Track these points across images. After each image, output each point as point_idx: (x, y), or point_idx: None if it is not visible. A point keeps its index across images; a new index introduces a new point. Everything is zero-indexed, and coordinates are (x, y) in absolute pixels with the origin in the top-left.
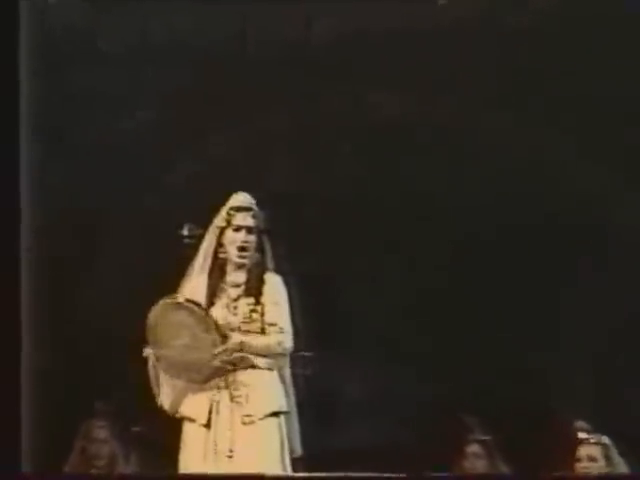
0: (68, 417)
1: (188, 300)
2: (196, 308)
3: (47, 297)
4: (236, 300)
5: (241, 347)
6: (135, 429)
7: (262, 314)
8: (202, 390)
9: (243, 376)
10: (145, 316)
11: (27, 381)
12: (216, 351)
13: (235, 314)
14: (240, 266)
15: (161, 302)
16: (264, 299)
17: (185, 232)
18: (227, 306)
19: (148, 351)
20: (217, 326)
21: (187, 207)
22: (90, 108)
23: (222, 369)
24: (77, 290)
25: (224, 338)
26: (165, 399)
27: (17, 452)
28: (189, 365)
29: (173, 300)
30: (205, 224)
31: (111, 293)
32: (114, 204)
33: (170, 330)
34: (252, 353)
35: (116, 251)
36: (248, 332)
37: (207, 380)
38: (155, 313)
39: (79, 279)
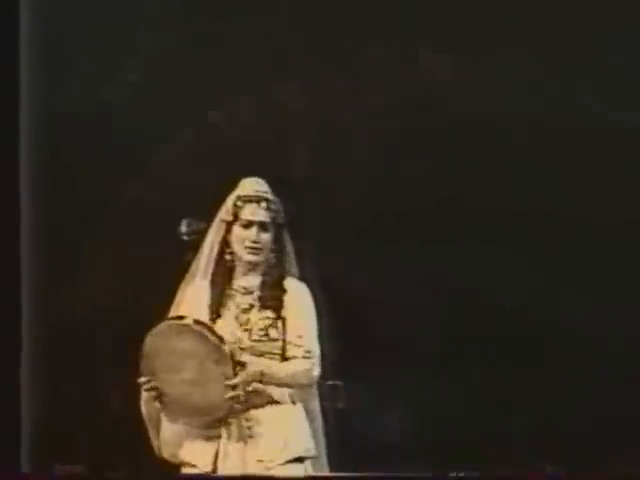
0: (68, 417)
1: (198, 322)
2: (208, 333)
3: (46, 296)
4: (248, 311)
5: (261, 377)
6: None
7: (283, 331)
8: (207, 429)
9: (259, 411)
10: (137, 332)
11: (27, 381)
12: (231, 382)
13: (246, 329)
14: (251, 268)
15: (162, 324)
16: (285, 312)
17: (183, 228)
18: (236, 318)
19: (144, 381)
20: (234, 356)
21: (184, 196)
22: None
23: (235, 409)
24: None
25: (240, 367)
26: (164, 447)
27: (17, 452)
28: (195, 407)
29: (178, 322)
30: (208, 217)
31: (96, 309)
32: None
33: (172, 361)
34: (274, 385)
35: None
36: (264, 355)
37: (215, 424)
38: (154, 338)
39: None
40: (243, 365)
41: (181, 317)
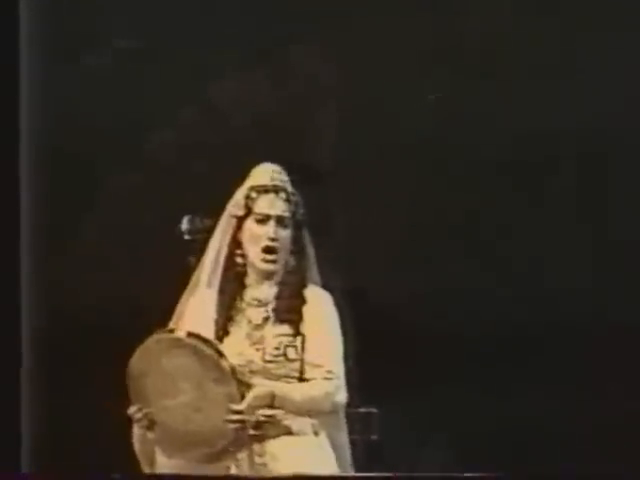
0: (68, 417)
1: (192, 335)
2: (204, 347)
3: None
4: (261, 327)
5: (272, 401)
6: None
7: (302, 349)
8: (212, 466)
9: (274, 445)
10: (139, 333)
11: (27, 381)
12: (236, 407)
13: (260, 348)
14: (267, 275)
15: (149, 340)
16: (305, 327)
17: (184, 226)
18: (248, 336)
19: (134, 411)
20: (235, 373)
21: (184, 186)
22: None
23: (243, 438)
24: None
25: (246, 389)
26: None
27: (17, 452)
28: (194, 437)
29: (168, 336)
30: (213, 212)
31: (96, 310)
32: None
33: (164, 383)
34: (288, 410)
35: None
36: (280, 379)
37: (221, 456)
38: (141, 357)
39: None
40: (249, 386)
41: (171, 330)
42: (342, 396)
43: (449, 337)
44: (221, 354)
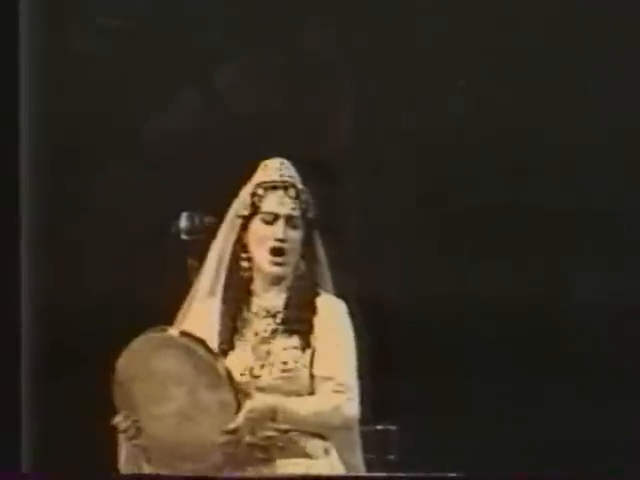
0: (68, 417)
1: (185, 334)
2: (198, 347)
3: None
4: (269, 340)
5: (273, 416)
6: None
7: (312, 363)
8: None
9: (279, 466)
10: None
11: (27, 380)
12: (231, 426)
13: (266, 364)
14: (275, 280)
15: (139, 339)
16: (316, 339)
17: (182, 224)
18: (255, 350)
19: (119, 421)
20: (232, 378)
21: (183, 181)
22: None
23: (241, 457)
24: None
25: (245, 398)
26: None
27: (17, 452)
28: (183, 449)
29: (159, 334)
30: (214, 209)
31: (96, 308)
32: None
33: (153, 387)
34: (293, 427)
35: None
36: (290, 395)
37: (218, 472)
38: (129, 358)
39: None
40: (248, 394)
41: (163, 329)
42: (354, 410)
43: (471, 348)
44: (217, 358)
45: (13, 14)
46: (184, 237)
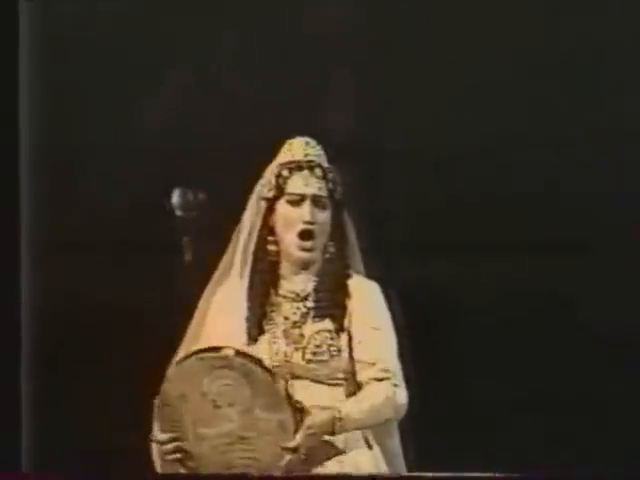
0: (69, 416)
1: (241, 353)
2: (255, 367)
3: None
4: (300, 324)
5: (332, 429)
6: None
7: (349, 348)
8: None
9: (327, 465)
10: (138, 333)
11: (27, 380)
12: (291, 444)
13: (299, 348)
14: (304, 265)
15: (190, 360)
16: (351, 322)
17: (175, 201)
18: (286, 334)
19: (163, 440)
20: (290, 397)
21: (176, 156)
22: None
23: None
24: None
25: (301, 415)
26: None
27: (17, 452)
28: (235, 469)
29: (213, 355)
30: (208, 185)
31: (95, 307)
32: None
33: (205, 407)
34: (352, 431)
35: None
36: (323, 381)
37: None
38: (180, 377)
39: None
40: (303, 411)
41: (216, 348)
42: (403, 397)
43: (502, 330)
44: (273, 374)
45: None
46: (178, 214)
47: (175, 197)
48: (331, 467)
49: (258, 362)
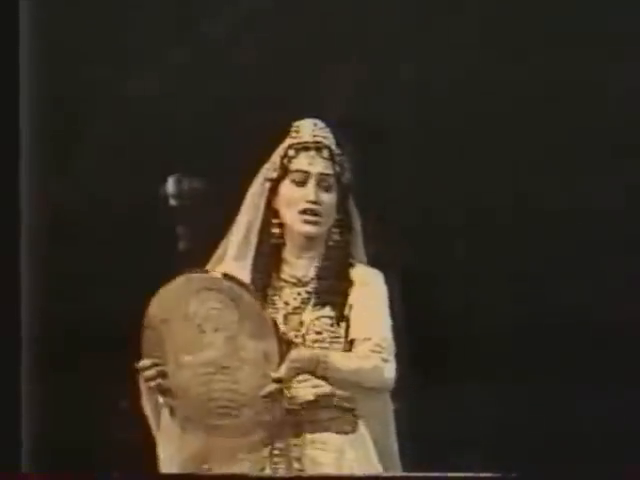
0: (69, 416)
1: (229, 277)
2: (244, 292)
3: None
4: (300, 309)
5: (315, 368)
6: None
7: (346, 334)
8: (238, 449)
9: (314, 447)
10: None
11: (27, 380)
12: (274, 375)
13: (299, 334)
14: (307, 245)
15: (179, 278)
16: (351, 310)
17: (170, 188)
18: (286, 319)
19: (144, 366)
20: (277, 327)
21: (171, 142)
22: None
23: (273, 422)
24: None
25: (287, 346)
26: (170, 459)
27: (17, 452)
28: (217, 401)
29: (202, 275)
30: (205, 173)
31: (95, 306)
32: None
33: (189, 331)
34: (332, 382)
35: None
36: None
37: (248, 434)
38: (166, 298)
39: None
40: (289, 344)
41: (205, 270)
42: (391, 372)
43: (503, 324)
44: (262, 302)
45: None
46: (172, 203)
47: (170, 185)
48: (319, 446)
49: (246, 287)
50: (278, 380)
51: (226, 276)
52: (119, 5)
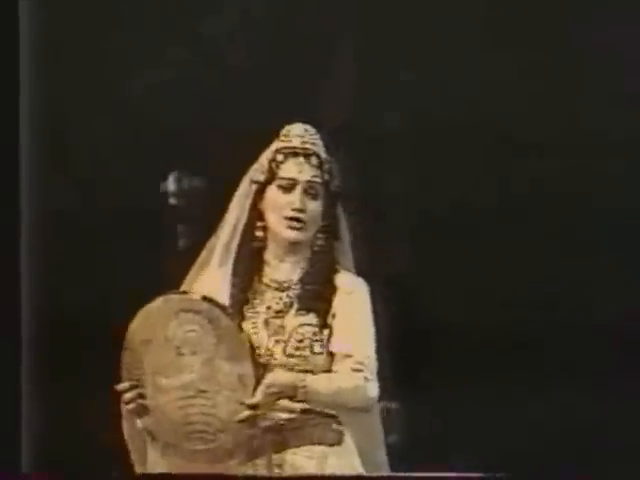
0: (69, 417)
1: (207, 299)
2: (222, 314)
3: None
4: (282, 314)
5: (293, 393)
6: None
7: (329, 343)
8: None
9: (295, 452)
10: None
11: (27, 380)
12: (250, 400)
13: (280, 340)
14: (290, 249)
15: (157, 301)
16: (334, 318)
17: (170, 187)
18: (267, 324)
19: (123, 389)
20: (254, 350)
21: (171, 140)
22: None
23: (253, 442)
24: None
25: (263, 371)
26: None
27: (17, 452)
28: (194, 425)
29: (180, 296)
30: (206, 170)
31: (95, 308)
32: None
33: (167, 354)
34: (313, 405)
35: None
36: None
37: (227, 458)
38: (145, 319)
39: None
40: (265, 367)
41: (184, 292)
42: (373, 391)
43: (489, 329)
44: (240, 326)
45: None
46: (173, 201)
47: (170, 184)
48: (300, 452)
49: (224, 309)
50: (253, 406)
51: (205, 298)
52: (119, 5)
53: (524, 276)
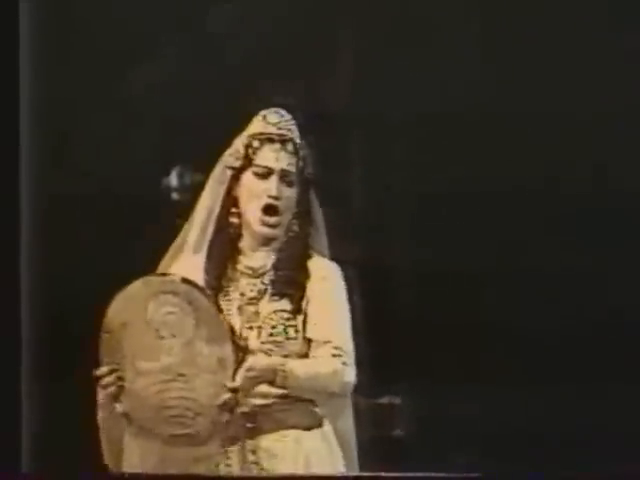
0: (68, 417)
1: (187, 281)
2: (201, 296)
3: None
4: (256, 301)
5: (272, 377)
6: None
7: (304, 329)
8: (194, 459)
9: (269, 439)
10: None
11: (27, 380)
12: (231, 384)
13: (254, 326)
14: (265, 241)
15: (137, 283)
16: (308, 304)
17: (172, 182)
18: (241, 311)
19: (102, 373)
20: (233, 333)
21: (172, 134)
22: None
23: (229, 427)
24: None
25: (243, 354)
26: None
27: (17, 452)
28: (171, 410)
29: (160, 277)
30: (206, 165)
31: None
32: None
33: (146, 336)
34: (291, 390)
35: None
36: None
37: (204, 442)
38: (124, 301)
39: None
40: (248, 352)
41: (163, 273)
42: (351, 376)
43: (471, 312)
44: (221, 310)
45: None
46: (175, 197)
47: (172, 179)
48: (274, 437)
49: (203, 291)
50: (234, 390)
51: (184, 280)
52: (119, 5)
53: (507, 265)
